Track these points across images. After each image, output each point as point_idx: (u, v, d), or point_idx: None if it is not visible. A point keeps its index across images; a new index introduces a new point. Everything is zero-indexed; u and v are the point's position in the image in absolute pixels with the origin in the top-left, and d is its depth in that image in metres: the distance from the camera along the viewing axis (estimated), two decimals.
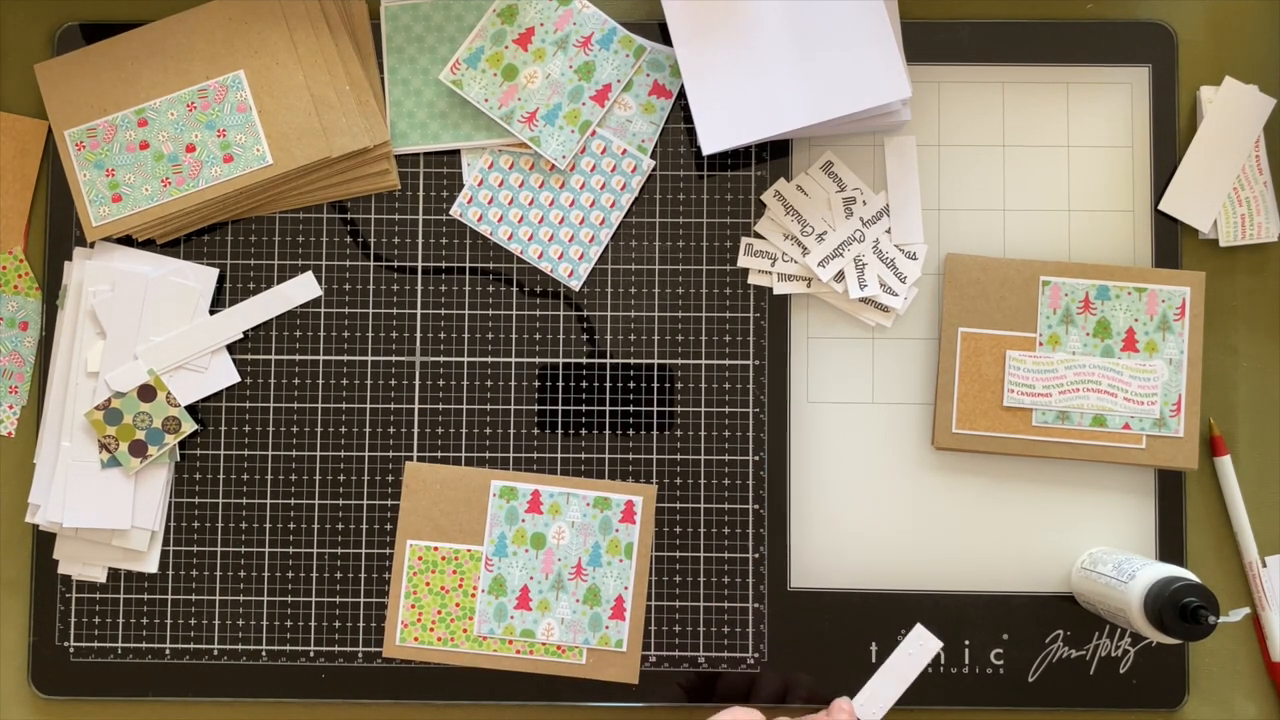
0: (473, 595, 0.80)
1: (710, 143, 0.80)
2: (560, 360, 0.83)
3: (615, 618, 0.80)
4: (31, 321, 0.83)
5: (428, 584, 0.81)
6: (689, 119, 0.83)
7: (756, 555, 0.82)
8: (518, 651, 0.80)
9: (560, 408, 0.83)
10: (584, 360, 0.83)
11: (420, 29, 0.83)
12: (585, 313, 0.83)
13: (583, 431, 0.83)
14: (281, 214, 0.84)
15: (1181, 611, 0.72)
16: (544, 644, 0.80)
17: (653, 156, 0.83)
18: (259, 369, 0.83)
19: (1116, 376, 0.81)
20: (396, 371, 0.83)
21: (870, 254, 0.82)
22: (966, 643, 0.81)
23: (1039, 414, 0.81)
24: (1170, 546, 0.82)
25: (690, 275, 0.83)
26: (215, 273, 0.83)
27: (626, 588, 0.81)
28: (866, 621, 0.81)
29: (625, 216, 0.83)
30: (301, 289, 0.83)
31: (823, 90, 0.80)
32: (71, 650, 0.82)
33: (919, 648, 0.81)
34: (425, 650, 0.81)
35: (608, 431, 0.83)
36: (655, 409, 0.83)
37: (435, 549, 0.81)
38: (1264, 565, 0.82)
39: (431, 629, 0.80)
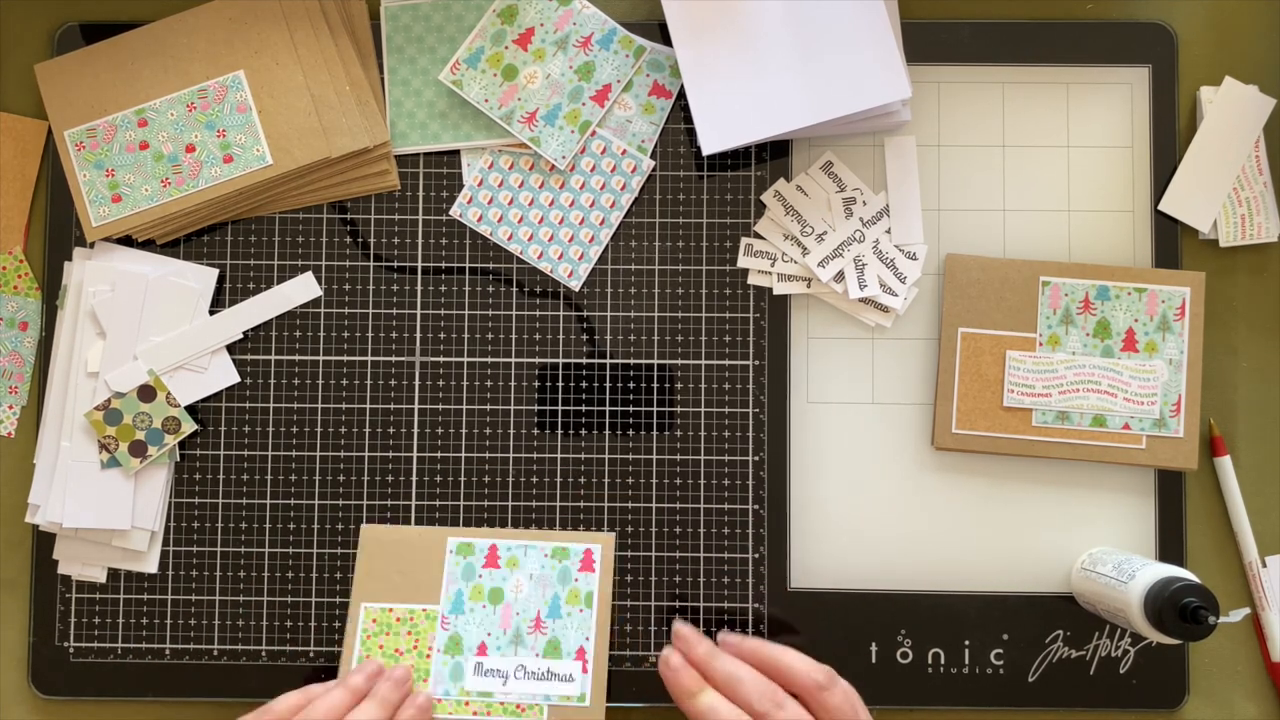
0: (427, 656, 0.78)
1: (710, 143, 0.80)
2: (560, 360, 0.83)
3: (577, 670, 0.77)
4: (31, 321, 0.83)
5: (381, 647, 0.78)
6: (689, 119, 0.83)
7: (756, 555, 0.82)
8: (475, 713, 0.77)
9: (560, 408, 0.83)
10: (584, 360, 0.83)
11: (420, 29, 0.83)
12: (585, 313, 0.83)
13: (583, 431, 0.83)
14: (281, 214, 0.84)
15: (1181, 612, 0.72)
16: (501, 704, 0.77)
17: (653, 156, 0.83)
18: (259, 369, 0.83)
19: (1116, 377, 0.81)
20: (396, 371, 0.83)
21: (870, 254, 0.82)
22: (966, 643, 0.81)
23: (1039, 414, 0.81)
24: (1170, 547, 0.82)
25: (690, 275, 0.83)
26: (215, 273, 0.83)
27: (588, 638, 0.78)
28: (866, 621, 0.81)
29: (625, 216, 0.83)
30: (301, 289, 0.83)
31: (823, 90, 0.80)
32: (71, 650, 0.82)
33: None
34: None
35: (608, 431, 0.83)
36: (655, 409, 0.83)
37: (390, 610, 0.79)
38: (1264, 565, 0.82)
39: None
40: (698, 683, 0.73)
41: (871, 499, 0.83)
